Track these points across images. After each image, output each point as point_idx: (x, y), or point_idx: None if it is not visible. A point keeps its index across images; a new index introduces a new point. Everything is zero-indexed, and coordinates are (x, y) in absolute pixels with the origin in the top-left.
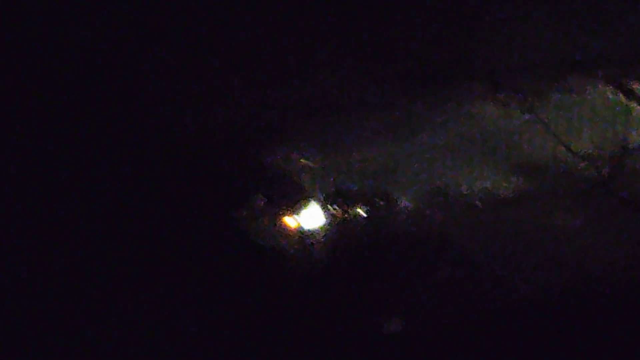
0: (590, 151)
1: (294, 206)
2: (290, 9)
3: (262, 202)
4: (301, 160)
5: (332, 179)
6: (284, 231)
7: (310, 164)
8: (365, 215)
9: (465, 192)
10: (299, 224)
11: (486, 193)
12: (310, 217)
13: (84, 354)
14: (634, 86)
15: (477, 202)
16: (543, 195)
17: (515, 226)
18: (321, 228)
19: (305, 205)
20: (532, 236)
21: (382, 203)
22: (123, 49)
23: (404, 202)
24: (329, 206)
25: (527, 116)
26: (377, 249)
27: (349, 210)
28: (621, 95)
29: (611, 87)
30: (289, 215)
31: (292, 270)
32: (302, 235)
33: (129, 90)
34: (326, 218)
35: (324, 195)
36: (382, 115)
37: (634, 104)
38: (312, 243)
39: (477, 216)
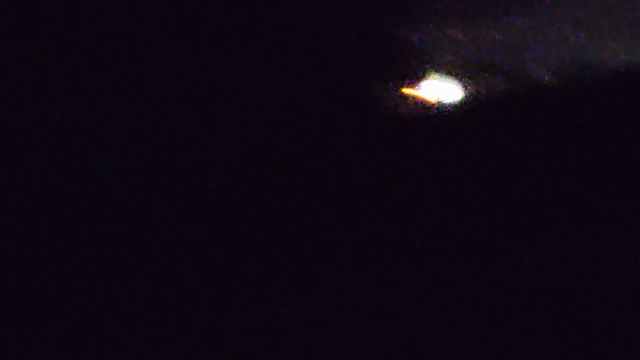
0: None
1: (435, 78)
2: None
3: (404, 76)
4: (443, 33)
5: (473, 52)
6: (424, 102)
7: (452, 37)
8: (503, 87)
9: (606, 66)
10: (438, 97)
11: (628, 65)
12: (450, 89)
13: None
14: None
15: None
16: None
17: None
18: (461, 99)
19: (445, 76)
20: None
21: (518, 75)
22: None
23: (542, 75)
24: (469, 78)
25: None
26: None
27: (488, 82)
28: None
29: None
30: (430, 87)
31: (430, 138)
32: (442, 106)
33: None
34: (466, 89)
35: (464, 67)
36: None
37: None
38: (450, 114)
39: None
